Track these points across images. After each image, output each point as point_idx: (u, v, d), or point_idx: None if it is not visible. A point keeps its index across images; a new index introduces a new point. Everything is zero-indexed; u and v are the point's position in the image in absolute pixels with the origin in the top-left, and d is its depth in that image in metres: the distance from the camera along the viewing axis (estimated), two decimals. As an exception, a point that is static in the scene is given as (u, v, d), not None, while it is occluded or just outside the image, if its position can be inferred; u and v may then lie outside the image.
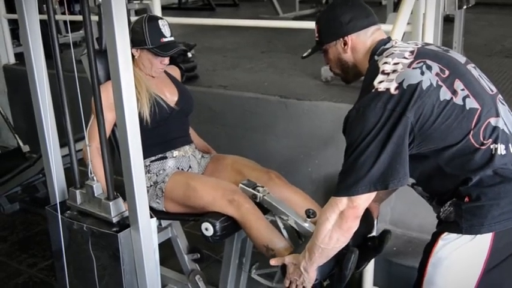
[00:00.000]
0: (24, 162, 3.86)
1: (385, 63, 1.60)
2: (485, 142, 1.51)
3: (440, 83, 1.52)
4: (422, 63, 1.55)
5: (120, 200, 1.77)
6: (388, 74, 1.55)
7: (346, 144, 1.58)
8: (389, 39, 1.74)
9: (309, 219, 1.95)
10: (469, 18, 4.80)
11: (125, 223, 1.76)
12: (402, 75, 1.52)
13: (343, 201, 1.56)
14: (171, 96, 2.43)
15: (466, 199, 1.53)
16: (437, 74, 1.53)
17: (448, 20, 4.03)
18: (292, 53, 4.97)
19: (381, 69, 1.58)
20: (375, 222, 2.03)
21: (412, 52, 1.61)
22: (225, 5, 9.13)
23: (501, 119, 1.55)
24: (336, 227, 1.61)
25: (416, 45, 1.68)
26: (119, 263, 1.73)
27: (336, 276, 1.80)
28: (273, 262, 1.90)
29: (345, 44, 1.74)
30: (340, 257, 1.74)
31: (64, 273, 1.86)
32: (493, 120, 1.53)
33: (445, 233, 1.57)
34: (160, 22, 2.33)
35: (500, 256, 1.54)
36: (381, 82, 1.54)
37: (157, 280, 1.79)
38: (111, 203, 1.74)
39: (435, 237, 1.60)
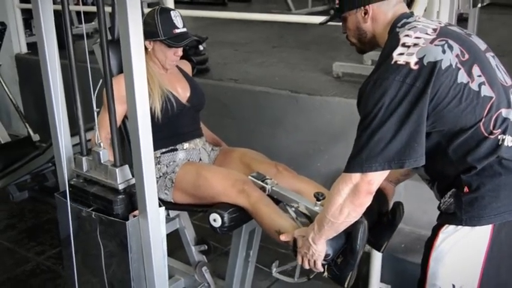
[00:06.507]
0: (34, 151, 3.88)
1: (407, 35, 1.54)
2: (494, 132, 1.49)
3: (459, 65, 1.49)
4: (444, 42, 1.51)
5: (127, 167, 1.74)
6: (408, 46, 1.50)
7: (361, 117, 1.54)
8: (412, 13, 1.69)
9: (318, 202, 1.93)
10: (483, 18, 4.76)
11: (131, 191, 1.72)
12: (423, 50, 1.48)
13: (356, 177, 1.52)
14: (183, 92, 2.43)
15: (466, 189, 1.52)
16: (457, 56, 1.50)
17: (461, 20, 4.00)
18: (304, 49, 4.96)
19: (401, 41, 1.53)
20: (389, 203, 1.99)
21: (435, 30, 1.56)
22: (237, 1, 9.13)
23: None
24: (348, 202, 1.56)
25: (440, 23, 1.63)
26: (127, 252, 1.72)
27: (348, 250, 1.76)
28: (283, 237, 1.90)
29: (366, 13, 1.67)
30: (350, 230, 1.70)
31: (72, 261, 1.86)
32: (504, 111, 1.52)
33: (445, 226, 1.56)
34: (172, 13, 2.33)
35: (500, 249, 1.53)
36: (400, 54, 1.49)
37: (164, 269, 1.79)
38: (117, 170, 1.71)
39: (435, 231, 1.59)
